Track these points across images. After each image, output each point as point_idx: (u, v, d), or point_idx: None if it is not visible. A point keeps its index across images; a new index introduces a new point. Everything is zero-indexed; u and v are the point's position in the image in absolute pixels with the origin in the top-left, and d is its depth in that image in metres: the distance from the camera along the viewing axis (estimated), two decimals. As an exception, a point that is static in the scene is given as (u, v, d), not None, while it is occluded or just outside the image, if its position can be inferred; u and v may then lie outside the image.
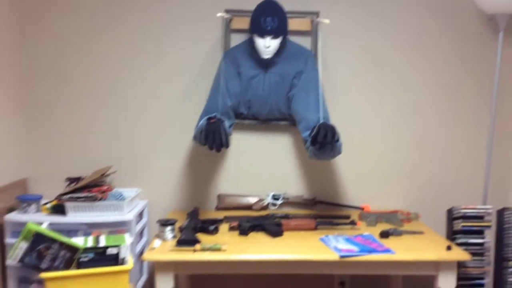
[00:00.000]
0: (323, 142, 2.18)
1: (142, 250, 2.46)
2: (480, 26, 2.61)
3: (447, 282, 2.01)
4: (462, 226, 2.30)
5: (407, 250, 2.04)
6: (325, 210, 2.61)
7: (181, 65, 2.60)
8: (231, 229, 2.29)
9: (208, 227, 2.25)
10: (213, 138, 2.27)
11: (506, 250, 2.35)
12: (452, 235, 2.33)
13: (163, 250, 2.02)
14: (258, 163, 2.66)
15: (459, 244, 2.24)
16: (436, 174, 2.69)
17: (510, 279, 2.34)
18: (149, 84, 2.61)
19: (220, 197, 2.64)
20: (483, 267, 2.28)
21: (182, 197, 2.67)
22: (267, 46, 2.43)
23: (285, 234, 2.24)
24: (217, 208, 2.64)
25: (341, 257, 1.97)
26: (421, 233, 2.27)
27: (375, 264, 2.02)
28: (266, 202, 2.62)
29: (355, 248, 2.04)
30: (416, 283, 2.63)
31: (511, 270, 2.34)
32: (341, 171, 2.68)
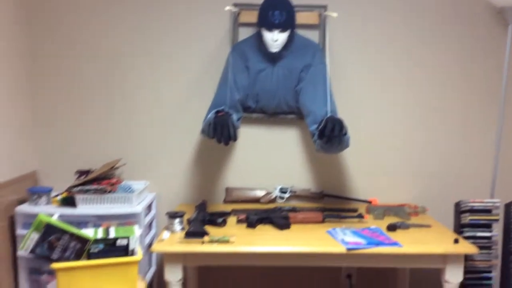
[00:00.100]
0: (330, 135, 2.19)
1: (151, 242, 2.49)
2: (489, 19, 2.59)
3: (454, 275, 2.01)
4: (470, 220, 2.30)
5: (414, 243, 2.05)
6: (332, 203, 2.62)
7: (189, 58, 2.61)
8: (239, 221, 2.31)
9: (216, 219, 2.27)
10: (221, 131, 2.28)
11: (514, 243, 2.35)
12: (459, 228, 2.33)
13: (172, 241, 2.05)
14: (265, 157, 2.67)
15: (466, 238, 2.24)
16: (444, 167, 2.68)
17: (518, 273, 2.35)
18: (157, 78, 2.62)
19: (228, 190, 2.65)
20: (490, 260, 2.28)
21: (190, 190, 2.69)
22: (275, 39, 2.43)
23: (292, 227, 2.25)
24: (225, 201, 2.66)
25: (348, 249, 1.98)
26: (428, 226, 2.27)
27: (382, 257, 2.03)
28: (273, 196, 2.63)
29: (362, 241, 2.05)
30: (423, 276, 2.64)
31: (518, 263, 2.35)
32: (348, 165, 2.69)
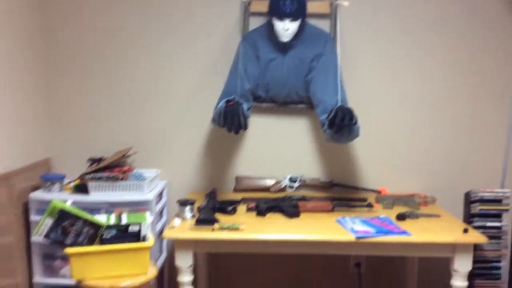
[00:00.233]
0: (340, 125, 2.20)
1: (162, 229, 2.52)
2: (501, 9, 2.56)
3: (463, 265, 2.02)
4: (480, 210, 2.30)
5: (423, 232, 2.05)
6: (341, 193, 2.62)
7: (200, 48, 2.62)
8: (249, 210, 2.33)
9: (226, 207, 2.29)
10: (231, 120, 2.30)
11: (524, 234, 2.35)
12: (469, 218, 2.33)
13: (183, 228, 2.07)
14: (275, 146, 2.68)
15: (476, 228, 2.24)
16: (454, 157, 2.67)
17: (527, 263, 2.35)
18: (168, 67, 2.64)
19: (237, 179, 2.67)
20: (499, 250, 2.28)
21: (201, 178, 2.71)
22: (286, 29, 2.43)
23: (301, 215, 2.27)
24: (234, 190, 2.68)
25: (357, 238, 2.00)
26: (438, 216, 2.27)
27: (391, 245, 2.04)
28: (283, 185, 2.64)
29: (372, 230, 2.06)
30: (432, 265, 2.65)
31: (528, 254, 2.35)
32: (358, 154, 2.69)
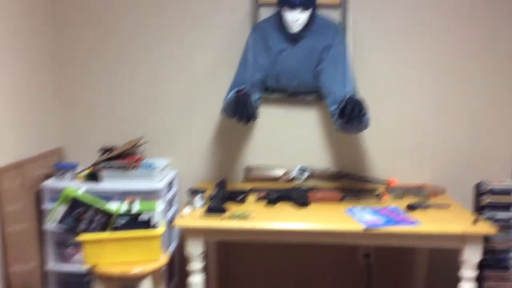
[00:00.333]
0: (350, 115, 2.20)
1: (172, 218, 2.54)
2: (515, -2, 2.55)
3: (472, 255, 2.01)
4: (489, 201, 2.30)
5: (433, 223, 2.05)
6: (351, 184, 2.63)
7: (210, 38, 2.63)
8: (259, 199, 2.34)
9: (236, 197, 2.31)
10: (241, 110, 2.31)
11: (534, 226, 2.34)
12: (479, 209, 2.33)
13: (193, 217, 2.10)
14: (285, 136, 2.69)
15: (486, 219, 2.23)
16: (464, 148, 2.66)
17: (537, 255, 2.34)
18: (179, 57, 2.65)
19: (247, 169, 2.69)
20: (509, 241, 2.28)
21: (210, 168, 2.73)
22: (296, 19, 2.43)
23: (311, 205, 2.28)
24: (244, 180, 2.70)
25: (366, 228, 2.00)
26: (447, 207, 2.27)
27: (400, 236, 2.04)
28: (292, 175, 2.65)
29: (381, 220, 2.06)
30: (441, 256, 2.66)
31: (538, 246, 2.34)
32: (367, 145, 2.69)
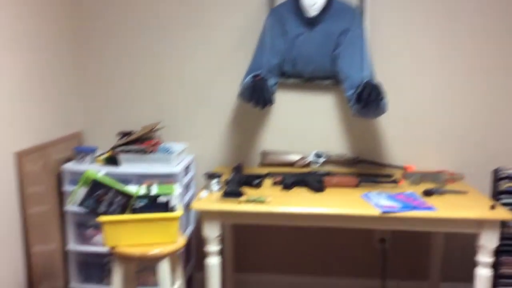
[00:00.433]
0: (367, 100, 2.19)
1: (189, 202, 2.58)
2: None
3: (489, 241, 2.00)
4: (507, 187, 2.28)
5: (450, 208, 2.05)
6: (367, 169, 2.63)
7: (227, 22, 2.63)
8: (275, 184, 2.36)
9: (252, 181, 2.33)
10: (258, 95, 2.33)
11: (553, 213, 2.31)
12: (496, 195, 2.31)
13: (210, 200, 2.12)
14: (301, 122, 2.69)
15: (503, 205, 2.22)
16: (482, 134, 2.63)
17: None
18: (196, 42, 2.66)
19: (263, 153, 2.70)
20: (527, 228, 2.27)
21: (227, 153, 2.75)
22: (313, 3, 2.42)
23: (327, 190, 2.28)
24: (260, 165, 2.71)
25: (383, 213, 2.01)
26: (465, 192, 2.26)
27: (417, 220, 2.04)
28: (308, 160, 2.66)
29: (397, 205, 2.07)
30: (457, 241, 2.65)
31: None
32: (385, 130, 2.68)
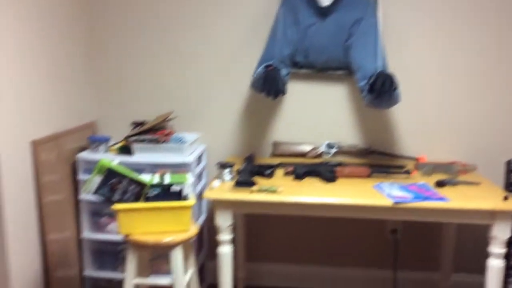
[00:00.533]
0: (380, 90, 2.18)
1: (201, 191, 2.60)
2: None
3: (502, 232, 1.99)
4: (521, 179, 2.26)
5: (462, 199, 2.04)
6: (379, 160, 2.62)
7: (240, 11, 2.63)
8: (286, 174, 2.37)
9: (264, 171, 2.34)
10: (270, 85, 2.33)
11: None
12: (509, 187, 2.30)
13: (222, 190, 2.14)
14: (313, 112, 2.69)
15: (517, 196, 2.21)
16: (496, 125, 2.61)
17: None
18: (209, 32, 2.66)
19: (275, 144, 2.71)
20: (541, 220, 2.24)
21: (239, 143, 2.76)
22: (326, -7, 2.41)
23: (339, 180, 2.29)
24: (272, 155, 2.72)
25: (395, 203, 2.01)
26: (477, 183, 2.25)
27: (429, 211, 2.04)
28: (320, 151, 2.66)
29: (409, 195, 2.06)
30: (469, 232, 2.64)
31: None
32: (397, 121, 2.67)
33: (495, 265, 2.02)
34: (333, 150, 2.65)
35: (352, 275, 2.82)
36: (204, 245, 2.75)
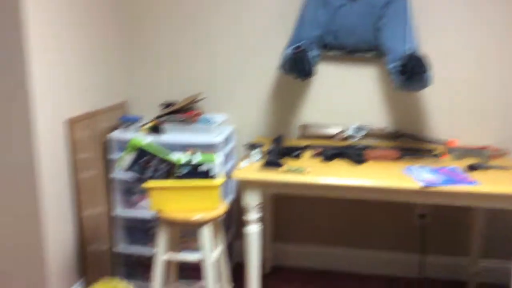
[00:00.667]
0: (412, 72, 2.16)
1: (230, 171, 2.63)
2: None
3: (534, 217, 1.97)
4: (556, 164, 2.21)
5: (493, 183, 2.01)
6: (408, 143, 2.59)
7: (269, -7, 2.62)
8: (314, 155, 2.37)
9: (292, 152, 2.35)
10: (299, 67, 2.33)
11: None
12: (544, 172, 2.25)
13: (251, 170, 2.16)
14: (342, 94, 2.68)
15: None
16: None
17: None
18: (238, 14, 2.67)
19: (303, 126, 2.71)
20: None
21: (266, 125, 2.78)
22: (358, -27, 2.37)
23: (367, 163, 2.28)
24: (299, 137, 2.73)
25: (424, 186, 1.99)
26: (509, 168, 2.21)
27: (459, 195, 2.01)
28: (348, 133, 2.65)
29: (440, 179, 2.04)
30: (499, 217, 2.60)
31: None
32: (428, 104, 2.62)
33: (526, 250, 2.00)
34: (361, 133, 2.63)
35: (379, 258, 2.82)
36: (231, 225, 2.80)
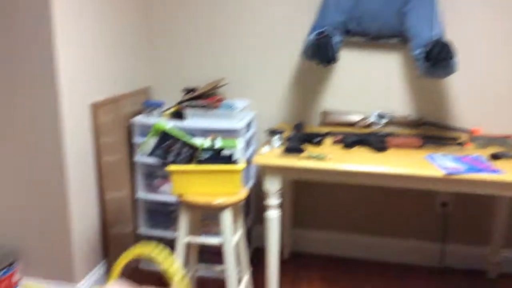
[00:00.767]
0: (437, 58, 2.12)
1: (250, 157, 2.65)
2: None
3: (560, 207, 1.94)
4: None
5: (518, 172, 1.98)
6: (431, 131, 2.57)
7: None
8: (335, 142, 2.36)
9: (313, 139, 2.35)
10: (321, 53, 2.31)
11: None
12: None
13: (272, 156, 2.17)
14: (364, 81, 2.65)
15: None
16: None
17: None
18: (262, 0, 2.67)
19: (324, 113, 2.70)
20: None
21: (288, 111, 2.77)
22: (383, -43, 2.33)
23: (389, 150, 2.27)
24: (321, 124, 2.72)
25: (447, 174, 1.97)
26: (535, 157, 2.17)
27: (482, 183, 1.99)
28: (370, 120, 2.63)
29: (463, 167, 2.02)
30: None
31: None
32: (452, 92, 2.58)
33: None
34: (383, 120, 2.61)
35: (399, 245, 2.82)
36: (251, 210, 2.82)
